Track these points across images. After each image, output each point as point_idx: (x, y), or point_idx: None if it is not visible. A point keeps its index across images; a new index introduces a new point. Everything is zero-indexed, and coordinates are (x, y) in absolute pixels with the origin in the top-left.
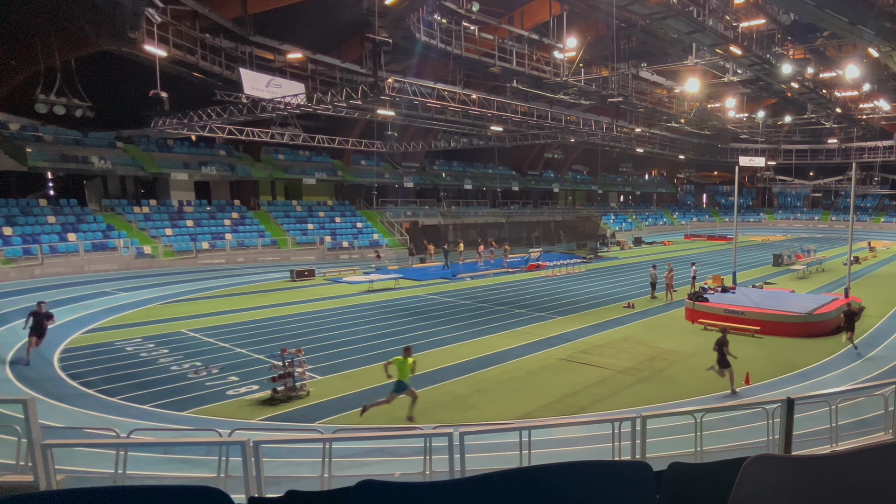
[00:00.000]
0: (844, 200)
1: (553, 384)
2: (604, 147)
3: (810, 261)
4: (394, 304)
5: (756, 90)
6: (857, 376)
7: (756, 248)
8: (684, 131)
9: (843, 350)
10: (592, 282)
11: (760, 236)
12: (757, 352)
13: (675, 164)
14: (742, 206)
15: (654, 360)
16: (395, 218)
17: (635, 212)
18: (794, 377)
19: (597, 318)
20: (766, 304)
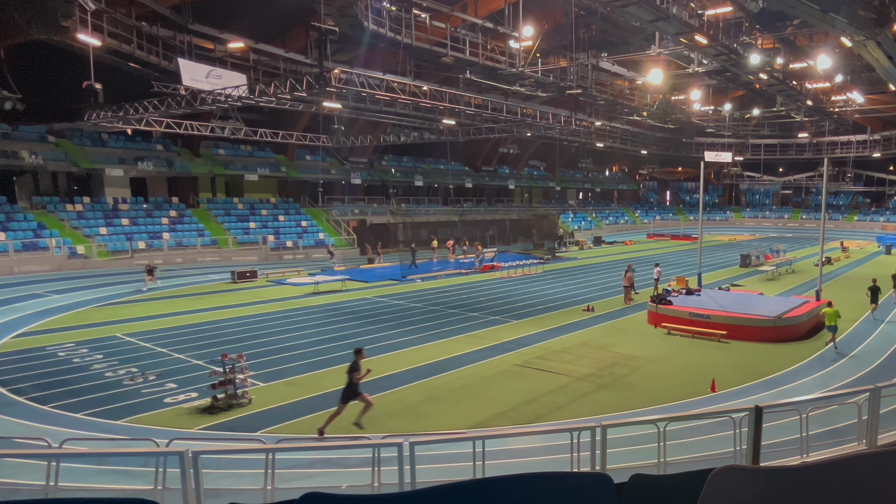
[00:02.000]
0: (816, 198)
1: (508, 391)
2: (562, 142)
3: (780, 261)
4: (340, 307)
5: (723, 81)
6: (829, 383)
7: (722, 248)
8: (647, 125)
9: (814, 356)
10: (550, 283)
11: (727, 236)
12: (723, 357)
13: (638, 160)
14: (708, 204)
15: (614, 367)
16: (342, 216)
17: (595, 210)
18: (762, 384)
19: (554, 322)
20: (733, 307)
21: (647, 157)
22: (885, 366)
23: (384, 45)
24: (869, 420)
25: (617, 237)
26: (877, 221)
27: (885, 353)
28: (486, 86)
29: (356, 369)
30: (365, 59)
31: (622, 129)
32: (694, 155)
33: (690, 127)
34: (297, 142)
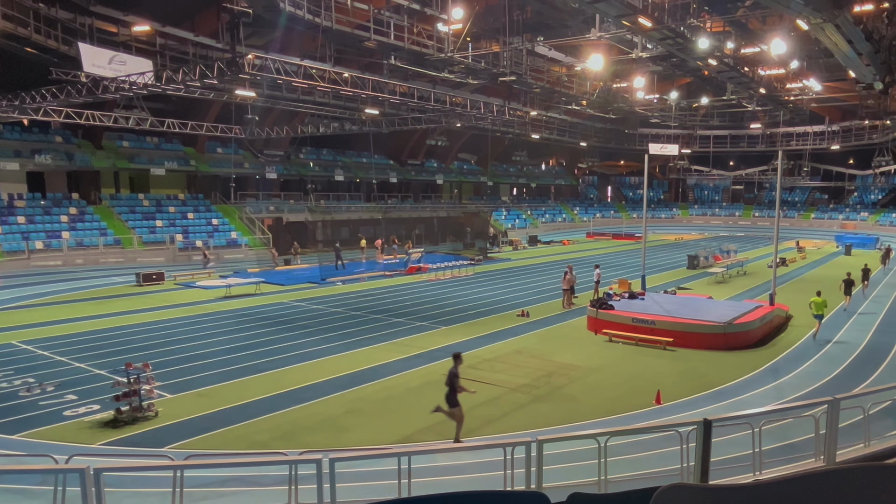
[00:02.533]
0: (769, 194)
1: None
2: (494, 133)
3: (730, 263)
4: (254, 312)
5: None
6: (783, 395)
7: (668, 248)
8: (586, 115)
9: (768, 364)
10: (481, 286)
11: (673, 235)
12: (669, 366)
13: (577, 153)
14: (652, 201)
15: (551, 377)
16: (256, 214)
17: (530, 207)
18: (711, 395)
19: (486, 328)
20: (680, 312)
21: (587, 150)
22: (845, 375)
23: (302, 28)
24: (827, 434)
25: (554, 236)
26: (835, 219)
27: (844, 362)
28: (412, 72)
29: (458, 375)
30: (281, 44)
31: (560, 119)
32: (637, 147)
33: (634, 117)
34: (208, 133)
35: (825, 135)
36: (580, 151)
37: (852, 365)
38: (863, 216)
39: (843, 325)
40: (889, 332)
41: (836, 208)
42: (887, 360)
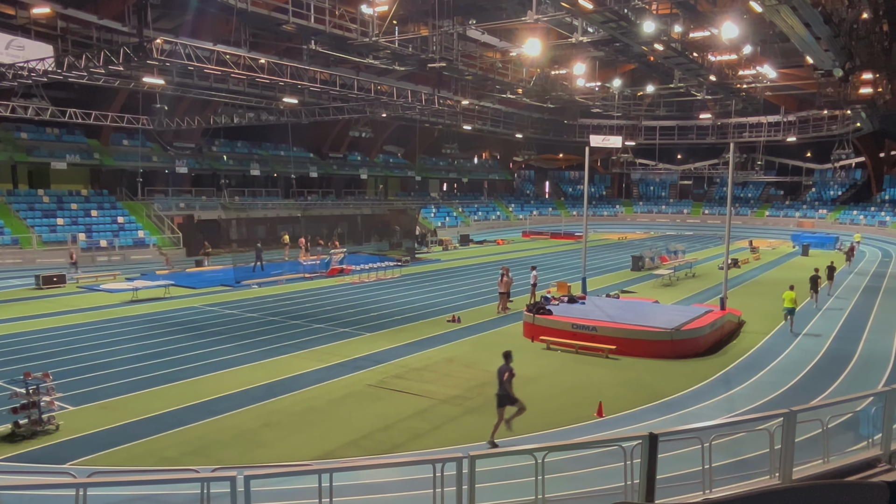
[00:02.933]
0: (720, 189)
1: (360, 416)
2: (423, 124)
3: (678, 264)
4: (163, 317)
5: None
6: (735, 407)
7: (611, 248)
8: (522, 104)
9: (718, 374)
10: (409, 290)
11: (616, 234)
12: (612, 376)
13: (512, 145)
14: (593, 197)
15: (485, 387)
16: (166, 211)
17: (462, 203)
18: (657, 407)
19: (414, 335)
20: (624, 317)
21: (523, 142)
22: (801, 386)
23: (215, 10)
24: (782, 450)
25: (487, 235)
26: (792, 217)
27: (802, 371)
28: (334, 58)
29: (511, 372)
30: (192, 28)
31: (493, 108)
32: (577, 139)
33: (573, 107)
34: (113, 124)
35: (781, 126)
36: (516, 144)
37: (810, 374)
38: (821, 214)
39: (805, 326)
40: (849, 340)
41: (793, 205)
42: (847, 370)
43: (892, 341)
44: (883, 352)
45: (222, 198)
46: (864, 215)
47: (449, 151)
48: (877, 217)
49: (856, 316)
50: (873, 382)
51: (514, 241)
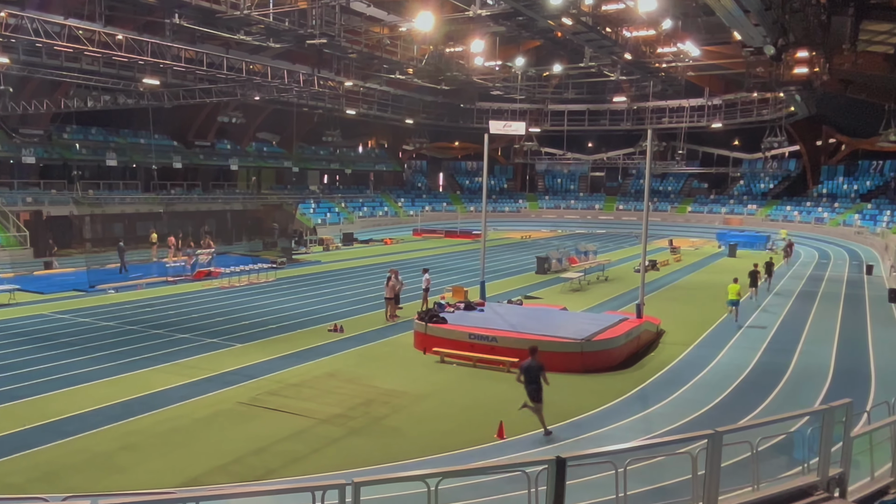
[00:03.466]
0: (637, 182)
1: (230, 438)
2: (301, 108)
3: (589, 266)
4: (7, 325)
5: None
6: (653, 428)
7: (514, 247)
8: (413, 86)
9: (635, 391)
10: (285, 295)
11: (519, 232)
12: (514, 393)
13: (401, 132)
14: (493, 190)
15: (370, 405)
16: (10, 206)
17: (345, 198)
18: (566, 428)
19: (291, 346)
20: (528, 326)
21: (415, 129)
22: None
23: None
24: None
25: (374, 234)
26: (717, 213)
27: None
28: (200, 34)
29: (543, 368)
30: (40, 0)
31: (381, 91)
32: (476, 125)
33: (471, 88)
34: None
35: (705, 110)
36: (406, 130)
37: (738, 391)
38: (750, 209)
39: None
40: (782, 351)
41: (718, 200)
42: (780, 385)
43: (831, 353)
44: (820, 365)
45: (74, 191)
46: (799, 211)
47: (330, 139)
48: (813, 213)
49: (789, 324)
50: (809, 400)
51: (403, 240)
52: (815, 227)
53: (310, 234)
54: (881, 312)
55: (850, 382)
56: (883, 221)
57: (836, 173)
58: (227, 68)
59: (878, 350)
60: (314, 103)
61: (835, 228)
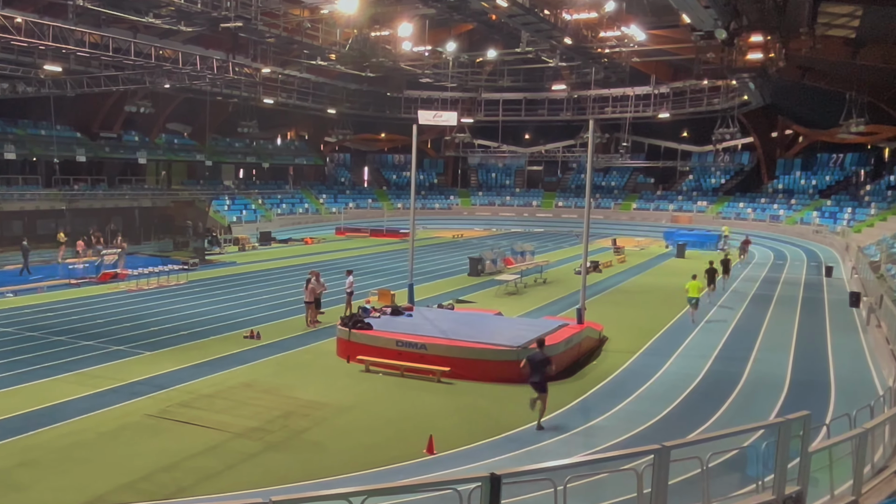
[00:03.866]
0: (577, 177)
1: (138, 453)
2: (215, 97)
3: (526, 268)
4: None
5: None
6: (596, 442)
7: (445, 247)
8: (336, 73)
9: (575, 402)
10: (198, 299)
11: (451, 230)
12: (446, 404)
13: (323, 123)
14: (423, 186)
15: (290, 418)
16: None
17: (262, 194)
18: (501, 443)
19: (204, 354)
20: (460, 332)
21: (337, 119)
22: (676, 416)
23: None
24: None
25: (293, 233)
26: (664, 210)
27: (677, 398)
28: (106, 17)
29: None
30: None
31: (301, 78)
32: (403, 115)
33: (398, 76)
34: None
35: (651, 99)
36: (328, 121)
37: (687, 402)
38: (700, 206)
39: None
40: (734, 360)
41: (666, 196)
42: (732, 396)
43: (787, 361)
44: (775, 374)
45: None
46: (753, 208)
47: (247, 131)
48: (768, 210)
49: (743, 330)
50: (764, 412)
51: (325, 239)
52: (770, 226)
53: (224, 232)
54: (841, 318)
55: (807, 393)
56: (843, 219)
57: (792, 167)
58: (134, 54)
59: (838, 358)
60: (229, 92)
61: (791, 227)
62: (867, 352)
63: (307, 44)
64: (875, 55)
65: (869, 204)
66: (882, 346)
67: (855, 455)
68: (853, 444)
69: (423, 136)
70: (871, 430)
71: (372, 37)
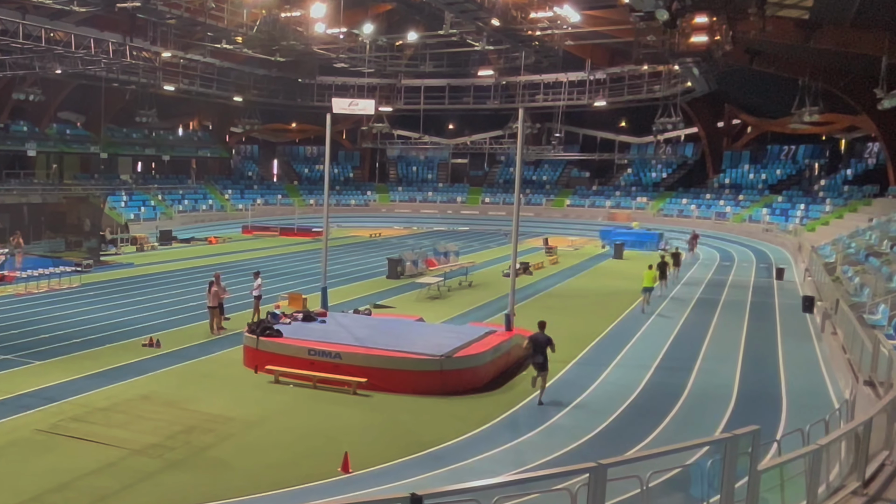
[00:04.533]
0: (506, 170)
1: (26, 472)
2: (111, 83)
3: (449, 269)
4: None
5: None
6: (526, 460)
7: (361, 247)
8: (243, 57)
9: (504, 416)
10: (92, 303)
11: (368, 229)
12: (362, 419)
13: (229, 112)
14: (337, 180)
15: (192, 433)
16: None
17: (162, 189)
18: (423, 460)
19: (99, 364)
20: (378, 340)
21: (244, 108)
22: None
23: None
24: None
25: (197, 231)
26: (601, 207)
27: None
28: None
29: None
30: None
31: (204, 63)
32: (316, 103)
33: (311, 60)
34: None
35: (586, 86)
36: (234, 110)
37: (626, 416)
38: (640, 202)
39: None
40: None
41: (603, 191)
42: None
43: (735, 372)
44: (721, 386)
45: None
46: (697, 204)
47: (145, 120)
48: (714, 207)
49: (686, 338)
50: (709, 427)
51: (231, 238)
52: (715, 224)
53: (121, 231)
54: (794, 324)
55: (757, 406)
56: (796, 217)
57: (740, 160)
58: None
59: (789, 368)
60: (126, 78)
61: (739, 225)
62: (821, 361)
63: (211, 25)
64: (830, 38)
65: (823, 200)
66: (838, 355)
67: (808, 474)
68: (806, 461)
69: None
70: (825, 446)
71: (282, 18)
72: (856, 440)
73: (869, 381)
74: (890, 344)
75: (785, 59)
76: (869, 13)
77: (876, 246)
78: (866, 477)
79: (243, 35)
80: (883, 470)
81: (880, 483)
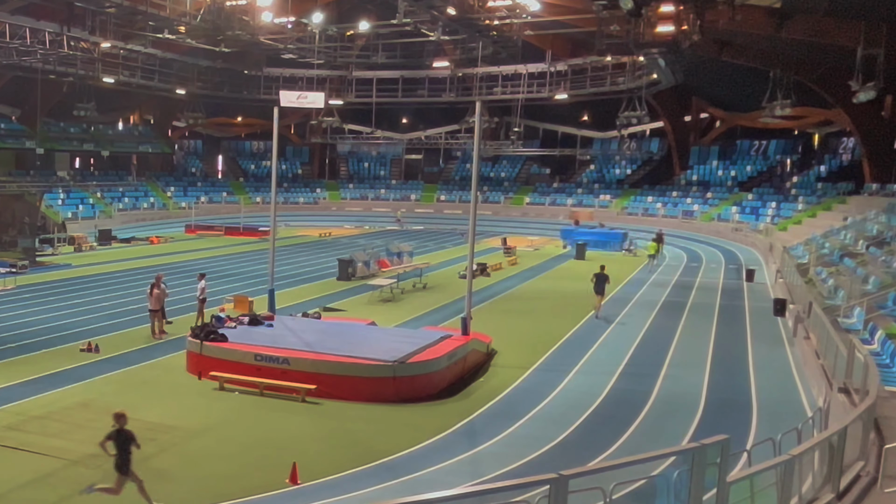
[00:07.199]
0: (462, 167)
1: None
2: (47, 75)
3: (403, 271)
4: None
5: None
6: (483, 471)
7: (310, 247)
8: (186, 48)
9: (460, 425)
10: (27, 306)
11: (318, 228)
12: (312, 427)
13: (171, 105)
14: (285, 177)
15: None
16: None
17: (101, 186)
18: (375, 471)
19: (34, 370)
20: (328, 345)
21: (188, 101)
22: (575, 441)
23: None
24: None
25: (137, 230)
26: (562, 205)
27: (577, 419)
28: None
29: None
30: None
31: (146, 54)
32: (263, 96)
33: (257, 51)
34: None
35: (546, 78)
36: (177, 103)
37: (588, 425)
38: (603, 200)
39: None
40: (642, 376)
41: (564, 189)
42: (640, 418)
43: (703, 379)
44: (689, 393)
45: None
46: (664, 202)
47: (84, 114)
48: (681, 205)
49: (651, 343)
50: (676, 436)
51: (174, 238)
52: (682, 223)
53: (58, 230)
54: (764, 328)
55: (726, 415)
56: (767, 216)
57: (708, 156)
58: None
59: (760, 375)
60: (63, 69)
61: (707, 224)
62: (794, 367)
63: (153, 14)
64: (803, 28)
65: (796, 198)
66: (811, 361)
67: (780, 485)
68: (778, 472)
69: (285, 120)
70: (798, 456)
71: (227, 6)
72: (829, 450)
73: (843, 389)
74: (865, 349)
75: (755, 49)
76: (844, 1)
77: (851, 246)
78: (840, 489)
79: (186, 24)
80: (858, 481)
81: (855, 495)
